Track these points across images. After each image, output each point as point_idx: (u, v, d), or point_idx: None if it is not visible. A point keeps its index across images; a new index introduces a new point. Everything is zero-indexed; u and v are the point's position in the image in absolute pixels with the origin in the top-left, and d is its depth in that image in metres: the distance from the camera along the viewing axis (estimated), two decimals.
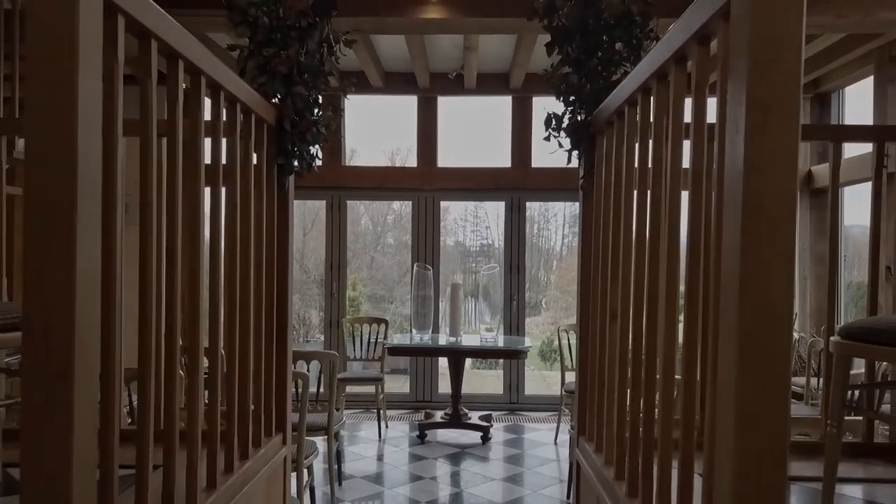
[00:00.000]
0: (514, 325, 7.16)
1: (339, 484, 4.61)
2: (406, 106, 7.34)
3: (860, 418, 2.50)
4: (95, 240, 1.14)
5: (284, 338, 2.44)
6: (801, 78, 1.05)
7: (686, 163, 1.45)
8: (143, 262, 1.42)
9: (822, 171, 6.32)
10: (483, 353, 6.47)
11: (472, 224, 10.30)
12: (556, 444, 5.72)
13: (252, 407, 2.09)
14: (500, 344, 5.89)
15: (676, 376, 1.45)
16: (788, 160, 1.04)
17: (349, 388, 5.98)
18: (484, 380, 9.69)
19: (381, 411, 5.96)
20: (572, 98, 2.46)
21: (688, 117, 1.46)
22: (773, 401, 1.03)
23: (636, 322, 1.79)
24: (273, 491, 2.34)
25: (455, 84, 6.82)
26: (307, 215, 9.25)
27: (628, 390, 1.84)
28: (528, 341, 6.14)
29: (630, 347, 1.83)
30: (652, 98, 1.68)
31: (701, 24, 1.31)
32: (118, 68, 1.26)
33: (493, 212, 7.91)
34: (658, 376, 1.59)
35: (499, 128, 7.27)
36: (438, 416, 5.97)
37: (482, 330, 6.20)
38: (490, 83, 7.02)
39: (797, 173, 1.06)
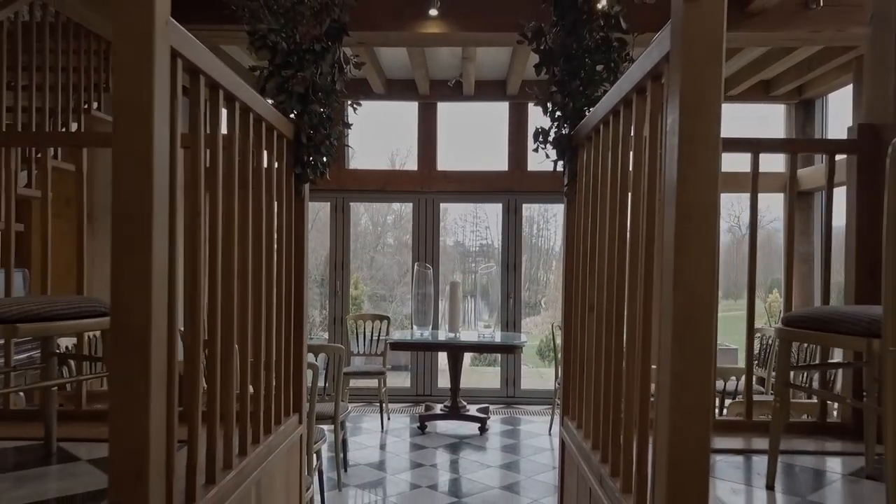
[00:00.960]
0: (510, 322, 7.45)
1: (345, 470, 4.90)
2: (406, 111, 7.63)
3: (815, 401, 2.80)
4: (164, 240, 1.43)
5: (301, 329, 2.73)
6: (720, 116, 1.34)
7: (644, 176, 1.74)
8: (192, 260, 1.71)
9: (805, 174, 6.61)
10: (480, 348, 6.75)
11: (472, 224, 10.58)
12: (550, 434, 6.01)
13: (274, 389, 2.39)
14: (497, 339, 6.18)
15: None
16: (711, 179, 1.33)
17: (352, 382, 6.28)
18: (482, 376, 9.99)
19: (384, 404, 6.25)
20: (558, 114, 2.75)
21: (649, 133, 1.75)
22: (698, 365, 1.32)
23: (608, 313, 2.08)
24: (291, 463, 2.63)
25: (454, 91, 7.12)
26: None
27: (603, 372, 2.13)
28: (524, 337, 6.43)
29: (604, 334, 2.12)
30: (621, 120, 1.97)
31: (653, 65, 1.60)
32: (177, 101, 1.55)
33: (493, 213, 8.18)
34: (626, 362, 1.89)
35: (496, 132, 7.56)
36: (438, 408, 6.26)
37: (480, 326, 6.49)
38: (487, 90, 7.32)
39: (718, 189, 1.35)
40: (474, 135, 8.00)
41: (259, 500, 2.16)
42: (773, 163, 6.75)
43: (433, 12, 4.72)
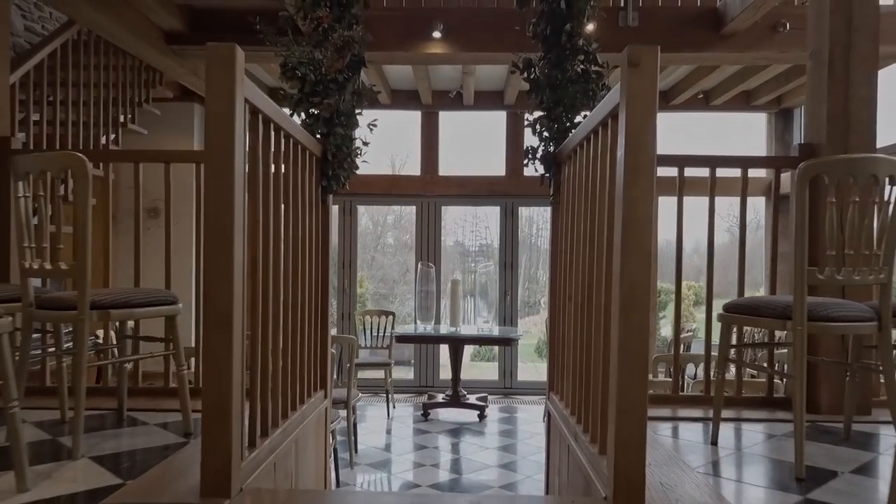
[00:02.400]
0: (508, 317, 7.93)
1: (356, 451, 5.37)
2: (409, 119, 8.10)
3: (763, 379, 3.28)
4: (241, 240, 1.90)
5: (325, 318, 3.21)
6: (655, 152, 1.81)
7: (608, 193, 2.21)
8: (253, 259, 2.18)
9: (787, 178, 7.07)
10: (479, 341, 7.22)
11: (472, 225, 11.03)
12: (544, 421, 6.47)
13: (307, 367, 2.86)
14: (495, 333, 6.66)
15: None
16: (647, 198, 1.80)
17: (360, 374, 6.74)
18: (481, 370, 10.46)
19: (389, 394, 6.72)
20: (545, 134, 3.23)
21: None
22: (637, 335, 1.80)
23: (582, 302, 2.55)
24: (319, 430, 3.11)
25: (454, 101, 7.59)
26: None
27: (579, 350, 2.60)
28: (520, 331, 6.91)
29: (579, 319, 2.59)
30: (590, 146, 2.45)
31: (612, 107, 2.07)
32: (246, 134, 2.03)
33: (492, 214, 8.65)
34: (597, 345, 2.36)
35: (494, 140, 8.04)
36: (440, 397, 6.74)
37: (479, 322, 6.96)
38: (486, 100, 7.80)
39: (653, 206, 1.82)
40: (474, 142, 8.47)
41: (297, 455, 2.64)
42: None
43: (436, 34, 5.19)
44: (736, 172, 3.23)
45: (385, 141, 9.07)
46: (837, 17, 3.03)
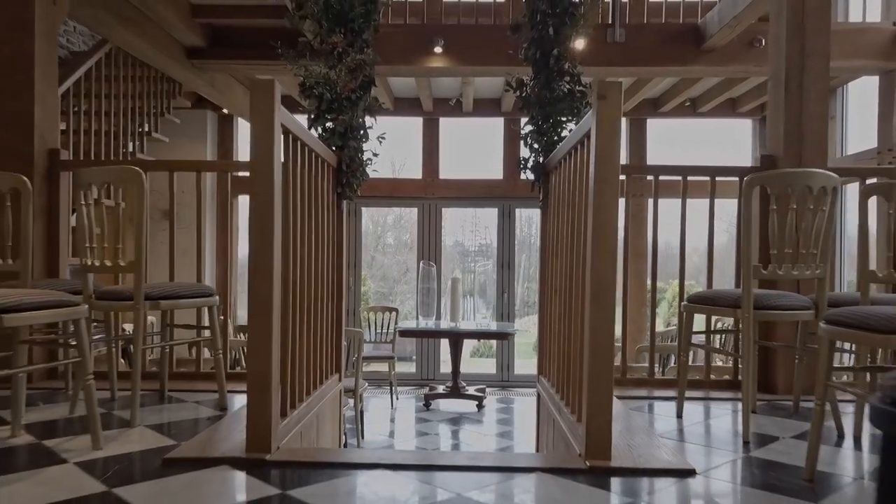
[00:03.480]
0: (505, 313, 8.33)
1: (362, 437, 5.77)
2: (410, 125, 8.50)
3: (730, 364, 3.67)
4: (279, 240, 2.30)
5: (340, 309, 3.60)
6: (619, 167, 2.21)
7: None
8: (285, 258, 2.58)
9: None
10: (478, 335, 7.61)
11: (472, 226, 11.42)
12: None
13: (325, 352, 3.26)
14: (493, 328, 7.06)
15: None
16: (612, 205, 2.19)
17: (365, 367, 7.14)
18: (480, 366, 10.86)
19: (393, 386, 7.12)
20: (535, 147, 3.63)
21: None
22: (604, 319, 2.20)
23: (565, 294, 2.95)
24: (335, 408, 3.51)
25: (454, 108, 8.00)
26: None
27: (563, 337, 3.00)
28: (516, 326, 7.30)
29: (563, 309, 2.99)
30: (571, 160, 2.85)
31: (587, 130, 2.47)
32: (281, 153, 2.42)
33: (490, 216, 9.05)
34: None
35: (492, 145, 8.44)
36: (441, 389, 7.14)
37: (478, 318, 7.35)
38: (484, 107, 8.20)
39: (617, 212, 2.21)
40: (472, 147, 8.87)
41: (318, 427, 3.04)
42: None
43: (437, 49, 5.59)
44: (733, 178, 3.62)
45: (388, 146, 9.46)
46: (793, 43, 3.43)
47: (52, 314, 2.19)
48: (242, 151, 8.51)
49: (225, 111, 7.70)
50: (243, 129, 8.45)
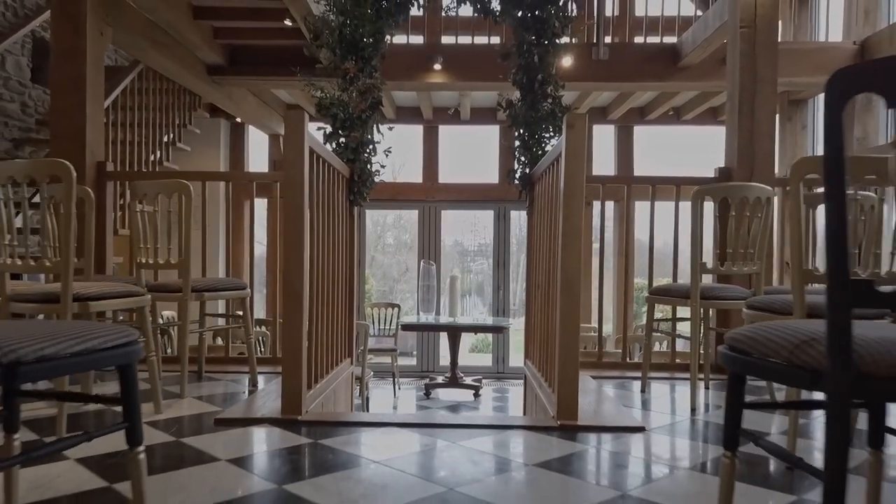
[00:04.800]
0: (500, 309, 8.85)
1: None
2: (411, 132, 9.02)
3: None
4: (307, 241, 2.82)
5: (352, 302, 4.12)
6: (584, 183, 2.73)
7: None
8: (310, 255, 3.10)
9: None
10: (475, 329, 8.12)
11: (471, 226, 11.93)
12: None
13: (339, 338, 3.78)
14: (489, 322, 7.58)
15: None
16: (578, 213, 2.71)
17: (369, 359, 7.65)
18: (477, 360, 11.37)
19: (395, 377, 7.64)
20: (522, 159, 4.15)
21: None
22: (572, 306, 2.72)
23: (545, 289, 3.47)
24: (347, 387, 4.03)
25: (453, 116, 8.52)
26: None
27: (544, 325, 3.52)
28: (511, 321, 7.82)
29: (544, 302, 3.51)
30: (549, 175, 3.36)
31: (560, 151, 2.99)
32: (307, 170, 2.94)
33: (487, 218, 9.57)
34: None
35: (488, 151, 8.97)
36: (440, 379, 7.66)
37: (475, 313, 7.87)
38: (481, 116, 8.72)
39: (582, 219, 2.73)
40: (470, 153, 9.40)
41: (335, 402, 3.56)
42: None
43: (437, 66, 6.11)
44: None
45: (391, 152, 10.02)
46: (745, 71, 3.95)
47: (125, 302, 2.71)
48: (253, 157, 9.03)
49: (238, 119, 8.22)
50: (253, 136, 8.97)
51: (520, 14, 4.07)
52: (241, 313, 3.91)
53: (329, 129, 4.09)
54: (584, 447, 2.49)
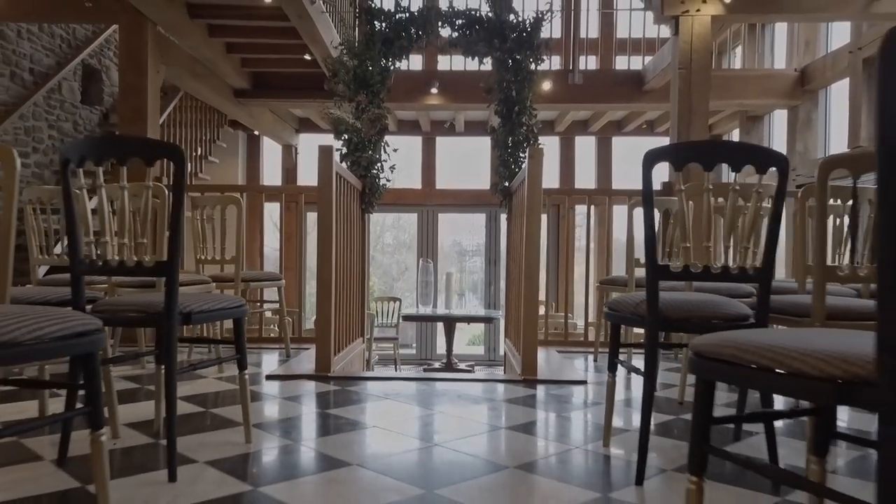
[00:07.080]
0: (491, 302, 9.78)
1: None
2: (410, 142, 9.93)
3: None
4: (334, 242, 3.74)
5: (363, 293, 5.04)
6: (541, 199, 3.64)
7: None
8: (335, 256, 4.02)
9: None
10: (468, 319, 9.04)
11: (469, 226, 12.83)
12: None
13: (353, 321, 4.70)
14: (481, 313, 8.50)
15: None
16: (536, 220, 3.64)
17: (374, 347, 8.57)
18: (471, 350, 12.29)
19: (397, 363, 8.56)
20: (503, 175, 5.07)
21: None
22: (531, 290, 3.64)
23: (518, 280, 4.38)
24: (360, 361, 4.95)
25: (449, 129, 9.43)
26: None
27: (518, 308, 4.43)
28: (501, 313, 8.73)
29: (518, 290, 4.43)
30: (520, 189, 4.28)
31: (525, 175, 3.91)
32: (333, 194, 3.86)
33: (480, 220, 10.49)
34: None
35: (480, 159, 9.89)
36: (436, 365, 8.58)
37: (469, 306, 8.79)
38: (474, 128, 9.64)
39: (539, 226, 3.65)
40: (464, 161, 10.34)
41: (352, 368, 4.48)
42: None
43: (433, 90, 7.03)
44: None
45: (392, 159, 10.97)
46: (682, 104, 4.88)
47: (199, 289, 3.63)
48: (267, 166, 9.95)
49: (255, 132, 9.14)
50: (268, 146, 9.89)
51: (499, 55, 4.99)
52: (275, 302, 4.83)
53: (345, 149, 5.02)
54: (540, 391, 3.41)
